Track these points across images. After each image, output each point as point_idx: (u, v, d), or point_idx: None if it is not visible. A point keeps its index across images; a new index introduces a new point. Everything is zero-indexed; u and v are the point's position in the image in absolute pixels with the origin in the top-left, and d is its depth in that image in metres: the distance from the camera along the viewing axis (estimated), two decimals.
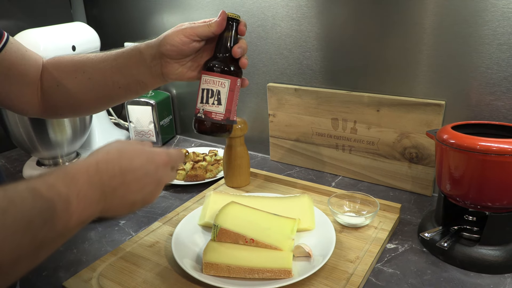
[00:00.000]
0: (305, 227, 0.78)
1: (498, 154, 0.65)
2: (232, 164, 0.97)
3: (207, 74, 0.69)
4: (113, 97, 0.73)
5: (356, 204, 0.86)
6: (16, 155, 1.29)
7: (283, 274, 0.64)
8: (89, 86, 0.70)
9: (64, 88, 0.71)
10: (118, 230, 0.86)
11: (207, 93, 0.69)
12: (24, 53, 0.69)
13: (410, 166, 0.95)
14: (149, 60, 0.67)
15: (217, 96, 0.69)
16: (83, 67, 0.70)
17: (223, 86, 0.70)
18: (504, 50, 0.79)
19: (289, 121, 1.09)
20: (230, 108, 0.71)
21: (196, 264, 0.69)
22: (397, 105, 0.92)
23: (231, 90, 0.70)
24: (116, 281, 0.68)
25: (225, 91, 0.70)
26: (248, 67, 1.14)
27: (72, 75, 0.70)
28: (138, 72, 0.68)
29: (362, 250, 0.74)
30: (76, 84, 0.70)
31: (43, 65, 0.72)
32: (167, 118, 1.34)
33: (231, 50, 0.69)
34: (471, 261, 0.70)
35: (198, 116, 0.70)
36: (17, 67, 0.68)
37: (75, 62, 0.71)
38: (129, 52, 0.68)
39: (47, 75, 0.72)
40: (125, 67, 0.68)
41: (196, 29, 0.65)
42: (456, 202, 0.74)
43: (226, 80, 0.69)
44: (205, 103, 0.69)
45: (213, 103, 0.69)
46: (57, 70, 0.71)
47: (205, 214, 0.82)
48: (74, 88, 0.71)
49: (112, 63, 0.68)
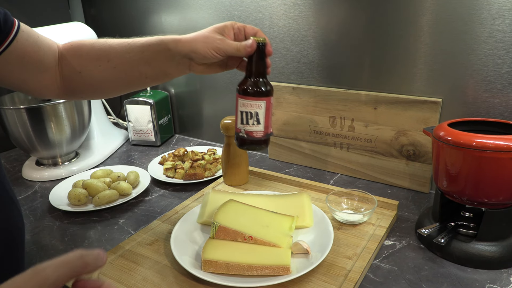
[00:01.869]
0: (303, 224, 0.78)
1: (494, 151, 0.65)
2: (231, 162, 0.98)
3: (243, 98, 0.74)
4: (138, 85, 0.75)
5: (354, 201, 0.86)
6: (15, 155, 1.30)
7: (281, 271, 0.65)
8: (115, 74, 0.71)
9: (88, 76, 0.71)
10: (117, 229, 0.87)
11: (246, 115, 0.76)
12: (36, 39, 0.68)
13: (408, 164, 0.96)
14: (178, 58, 0.68)
15: (256, 117, 0.75)
16: (108, 55, 0.70)
17: (260, 108, 0.76)
18: (500, 48, 0.79)
19: (287, 119, 1.10)
20: (268, 124, 0.77)
21: (195, 261, 0.70)
22: (394, 103, 0.92)
23: (267, 109, 0.76)
24: (116, 279, 0.69)
25: (262, 111, 0.76)
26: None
27: (96, 63, 0.70)
28: (166, 66, 0.70)
29: (360, 247, 0.74)
30: (101, 71, 0.71)
31: (60, 51, 0.72)
32: (165, 117, 1.34)
33: (263, 72, 0.73)
34: (468, 257, 0.71)
35: (240, 136, 0.76)
36: (31, 55, 0.67)
37: (97, 50, 0.71)
38: (155, 47, 0.69)
39: (66, 62, 0.71)
40: (153, 60, 0.69)
41: (226, 48, 0.67)
42: (453, 199, 0.75)
43: (262, 102, 0.75)
44: (246, 124, 0.76)
45: (253, 124, 0.76)
46: (79, 57, 0.71)
47: (204, 212, 0.82)
48: (98, 75, 0.71)
49: (138, 54, 0.69)
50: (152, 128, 1.29)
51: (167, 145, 1.33)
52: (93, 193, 0.96)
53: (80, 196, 0.94)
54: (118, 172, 1.06)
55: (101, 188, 0.96)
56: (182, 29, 1.24)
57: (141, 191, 0.99)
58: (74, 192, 0.95)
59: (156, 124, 1.29)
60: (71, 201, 0.94)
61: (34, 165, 1.17)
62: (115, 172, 1.06)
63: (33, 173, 1.13)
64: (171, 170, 1.08)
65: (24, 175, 1.14)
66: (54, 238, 0.85)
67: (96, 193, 0.95)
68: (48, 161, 1.16)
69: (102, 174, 1.05)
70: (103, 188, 0.97)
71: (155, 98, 1.29)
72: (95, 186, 0.96)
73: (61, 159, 1.17)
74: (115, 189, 0.97)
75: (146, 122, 1.29)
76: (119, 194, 0.97)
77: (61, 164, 1.16)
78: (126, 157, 1.25)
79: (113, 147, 1.29)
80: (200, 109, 1.33)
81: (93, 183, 0.97)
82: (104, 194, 0.94)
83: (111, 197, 0.94)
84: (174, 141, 1.37)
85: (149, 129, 1.30)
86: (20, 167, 1.19)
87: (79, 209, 0.92)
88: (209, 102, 1.30)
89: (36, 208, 0.96)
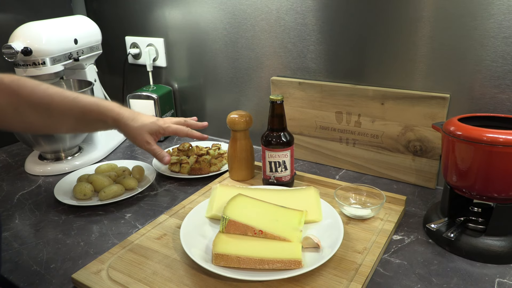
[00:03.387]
0: (312, 219, 0.78)
1: (504, 145, 0.65)
2: (237, 157, 0.97)
3: (271, 150, 0.89)
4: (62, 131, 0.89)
5: (362, 196, 0.87)
6: (17, 149, 1.28)
7: (293, 265, 0.65)
8: (48, 122, 0.78)
9: (23, 115, 0.74)
10: (124, 223, 0.86)
11: (275, 164, 0.90)
12: None
13: (414, 159, 0.96)
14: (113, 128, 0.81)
15: (283, 165, 0.89)
16: (48, 106, 0.75)
17: (286, 156, 0.89)
18: (510, 44, 0.79)
19: (293, 114, 1.10)
20: (293, 168, 0.92)
21: (206, 255, 0.69)
22: (402, 98, 0.92)
23: (292, 155, 0.90)
24: (125, 273, 0.69)
25: (288, 159, 0.89)
26: (252, 61, 1.15)
27: (34, 108, 0.75)
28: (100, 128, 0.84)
29: (369, 241, 0.74)
30: (37, 117, 0.75)
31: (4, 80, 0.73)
32: (169, 112, 1.34)
33: (284, 126, 0.89)
34: (477, 252, 0.71)
35: (270, 181, 0.92)
36: None
37: (38, 97, 0.75)
38: (97, 115, 0.78)
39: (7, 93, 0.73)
40: (91, 123, 0.80)
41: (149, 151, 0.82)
42: (462, 193, 0.75)
43: (287, 151, 0.89)
44: (275, 172, 0.90)
45: (281, 170, 0.90)
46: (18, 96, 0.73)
47: (212, 206, 0.82)
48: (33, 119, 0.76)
49: (79, 114, 0.77)
50: None
51: (170, 140, 1.33)
52: (98, 188, 0.95)
53: (86, 191, 0.94)
54: (123, 167, 1.05)
55: (106, 183, 0.96)
56: (185, 23, 1.23)
57: (147, 185, 0.98)
58: (79, 187, 0.94)
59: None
60: (77, 195, 0.94)
61: (37, 159, 1.16)
62: (120, 167, 1.06)
63: (36, 167, 1.12)
64: (176, 165, 1.07)
65: (27, 170, 1.13)
66: (61, 232, 0.84)
67: (102, 188, 0.94)
68: (51, 156, 1.15)
69: (106, 168, 1.05)
70: (109, 182, 0.96)
71: (158, 92, 1.28)
72: (101, 180, 0.96)
73: (64, 153, 1.16)
74: (120, 184, 0.96)
75: None
76: (124, 189, 0.96)
77: (64, 158, 1.15)
78: (130, 152, 1.24)
79: (116, 142, 1.28)
80: (204, 104, 1.32)
81: (99, 177, 0.97)
82: (110, 189, 0.93)
83: (117, 191, 0.94)
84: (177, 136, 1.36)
85: None
86: (23, 161, 1.18)
87: (85, 203, 0.92)
88: (213, 97, 1.29)
89: (40, 203, 0.96)
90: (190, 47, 1.27)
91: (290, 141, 0.89)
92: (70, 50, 1.11)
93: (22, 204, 0.96)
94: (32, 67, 1.02)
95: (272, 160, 0.89)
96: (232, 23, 1.14)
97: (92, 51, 1.22)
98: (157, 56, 1.35)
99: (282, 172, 0.90)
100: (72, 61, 1.13)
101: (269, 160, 0.89)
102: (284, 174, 0.90)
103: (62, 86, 1.23)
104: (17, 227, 0.87)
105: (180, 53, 1.30)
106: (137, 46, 1.38)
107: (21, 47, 0.99)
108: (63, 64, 1.09)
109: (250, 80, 1.18)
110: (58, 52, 1.06)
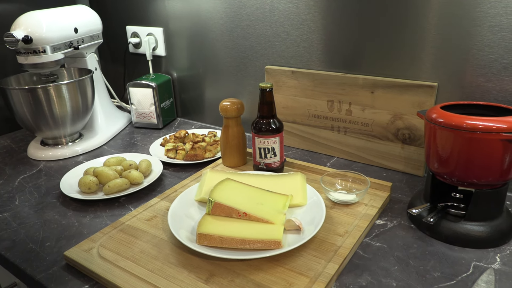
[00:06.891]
0: (297, 202, 0.80)
1: (484, 132, 0.67)
2: (229, 144, 1.00)
3: (260, 136, 0.91)
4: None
5: (347, 182, 0.88)
6: (21, 135, 1.33)
7: (273, 245, 0.67)
8: None
9: None
10: (118, 206, 0.90)
11: (264, 151, 0.92)
12: None
13: (403, 147, 0.97)
14: None
15: (272, 151, 0.92)
16: None
17: (275, 143, 0.91)
18: (495, 32, 0.80)
19: (286, 103, 1.11)
20: (282, 154, 0.94)
21: (191, 235, 0.72)
22: (391, 87, 0.94)
23: (281, 142, 0.92)
24: (114, 251, 0.72)
25: (277, 146, 0.92)
26: (246, 50, 1.17)
27: None
28: None
29: (351, 225, 0.77)
30: None
31: None
32: (168, 100, 1.36)
33: (274, 113, 0.91)
34: (457, 236, 0.73)
35: (260, 167, 0.94)
36: None
37: None
38: None
39: None
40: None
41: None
42: (443, 180, 0.76)
43: (276, 138, 0.91)
44: (264, 158, 0.93)
45: (270, 157, 0.92)
46: None
47: (201, 190, 0.84)
48: None
49: None
50: (154, 111, 1.32)
51: (169, 128, 1.36)
52: (104, 181, 0.94)
53: (91, 184, 0.93)
54: (130, 161, 1.03)
55: (112, 176, 0.94)
56: (184, 13, 1.26)
57: (153, 180, 0.96)
58: (84, 180, 0.93)
59: (158, 107, 1.31)
60: (82, 188, 0.93)
61: (39, 145, 1.20)
62: (127, 160, 1.03)
63: (38, 152, 1.16)
64: (172, 151, 1.10)
65: (29, 155, 1.17)
66: (57, 213, 0.88)
67: (107, 181, 0.93)
68: (53, 141, 1.19)
69: (115, 161, 1.03)
70: (114, 176, 0.95)
71: (157, 81, 1.31)
72: (106, 174, 0.94)
73: (65, 139, 1.20)
74: (126, 178, 0.95)
75: (149, 105, 1.31)
76: (130, 183, 0.95)
77: (65, 144, 1.19)
78: (129, 139, 1.27)
79: (116, 129, 1.31)
80: (202, 92, 1.35)
81: (104, 170, 0.95)
82: (114, 183, 0.92)
83: (121, 185, 0.92)
84: (176, 124, 1.39)
85: (151, 111, 1.32)
86: (26, 147, 1.22)
87: (88, 197, 0.91)
88: (211, 86, 1.31)
89: (40, 186, 1.00)
90: (189, 37, 1.29)
91: (279, 128, 0.91)
92: (70, 38, 1.14)
93: (23, 187, 1.00)
94: (33, 55, 1.06)
95: (262, 147, 0.92)
96: (228, 13, 1.16)
97: (92, 40, 1.25)
98: (156, 45, 1.37)
99: (272, 158, 0.93)
100: (72, 49, 1.16)
101: (258, 147, 0.92)
102: (273, 160, 0.93)
103: (63, 74, 1.27)
104: (17, 208, 0.90)
105: (179, 42, 1.32)
106: (138, 36, 1.40)
107: (22, 35, 1.02)
108: (64, 52, 1.12)
109: (245, 69, 1.20)
110: (58, 41, 1.09)
